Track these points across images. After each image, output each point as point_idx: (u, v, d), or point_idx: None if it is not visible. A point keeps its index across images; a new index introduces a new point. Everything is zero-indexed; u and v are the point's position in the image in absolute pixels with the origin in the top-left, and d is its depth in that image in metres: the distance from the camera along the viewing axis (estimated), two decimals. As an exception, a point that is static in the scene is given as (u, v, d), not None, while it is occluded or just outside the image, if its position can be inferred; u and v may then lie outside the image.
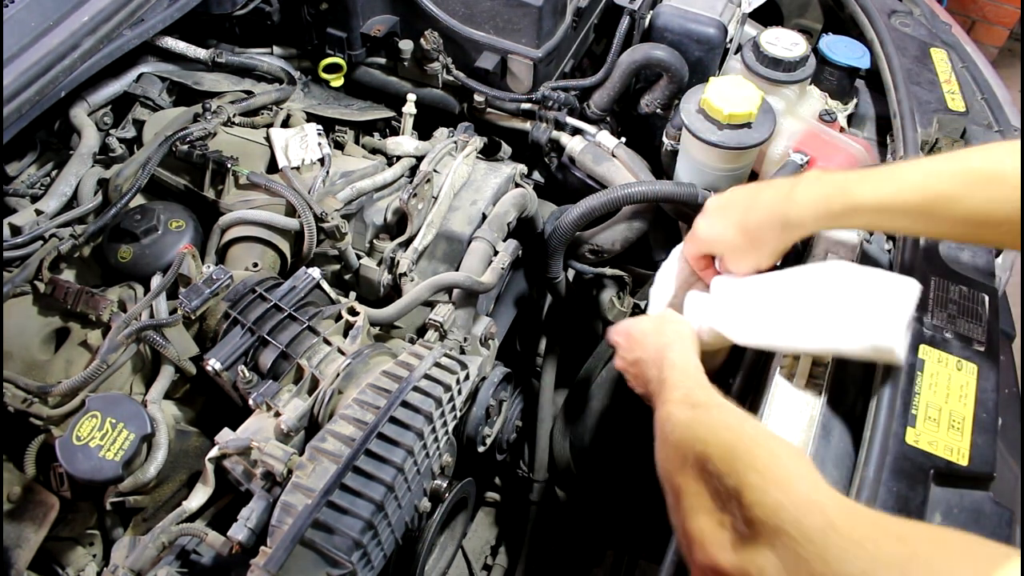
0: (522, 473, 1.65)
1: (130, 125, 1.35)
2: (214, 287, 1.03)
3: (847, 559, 0.54)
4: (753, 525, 0.61)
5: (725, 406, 0.79)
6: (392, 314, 1.14)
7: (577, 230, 1.31)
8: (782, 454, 0.67)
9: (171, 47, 1.40)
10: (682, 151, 1.30)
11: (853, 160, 1.22)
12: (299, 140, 1.26)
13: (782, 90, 1.29)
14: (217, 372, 0.96)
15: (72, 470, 0.88)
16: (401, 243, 1.22)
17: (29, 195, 1.24)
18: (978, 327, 0.95)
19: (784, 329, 0.91)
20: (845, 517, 0.57)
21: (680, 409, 0.79)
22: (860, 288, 0.89)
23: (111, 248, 1.13)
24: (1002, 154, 0.79)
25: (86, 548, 1.03)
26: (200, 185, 1.23)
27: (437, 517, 1.02)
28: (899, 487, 0.80)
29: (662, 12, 1.42)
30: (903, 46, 1.44)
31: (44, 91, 1.05)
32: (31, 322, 1.06)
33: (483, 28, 1.38)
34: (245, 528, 0.84)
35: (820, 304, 0.90)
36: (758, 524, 0.61)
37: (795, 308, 0.91)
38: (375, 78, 1.51)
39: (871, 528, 0.56)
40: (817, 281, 0.92)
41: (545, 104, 1.42)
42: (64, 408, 0.97)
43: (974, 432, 0.85)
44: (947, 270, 1.02)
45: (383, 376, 0.92)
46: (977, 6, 3.38)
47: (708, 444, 0.70)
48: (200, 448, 1.01)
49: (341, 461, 0.82)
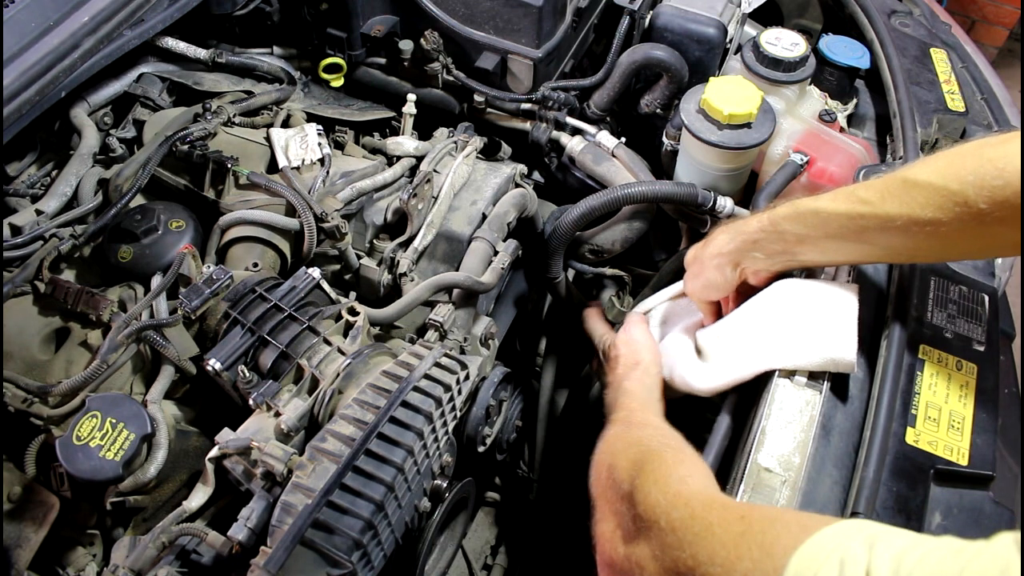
0: (522, 473, 1.65)
1: (130, 125, 1.35)
2: (214, 287, 1.03)
3: (698, 542, 0.61)
4: (637, 522, 0.69)
5: (650, 426, 0.89)
6: (392, 314, 1.14)
7: (577, 230, 1.31)
8: (671, 461, 0.75)
9: (171, 47, 1.40)
10: (682, 151, 1.30)
11: (853, 160, 1.22)
12: (299, 140, 1.26)
13: (782, 90, 1.29)
14: (217, 372, 0.96)
15: (72, 470, 0.88)
16: (401, 243, 1.22)
17: (29, 195, 1.24)
18: (978, 327, 0.95)
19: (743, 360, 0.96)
20: (703, 507, 0.64)
21: (612, 427, 0.89)
22: (806, 305, 0.94)
23: (111, 248, 1.13)
24: (919, 161, 0.82)
25: (86, 548, 1.03)
26: (200, 185, 1.23)
27: (437, 517, 1.02)
28: (899, 487, 0.80)
29: (662, 12, 1.42)
30: (903, 46, 1.44)
31: (44, 91, 1.05)
32: (31, 322, 1.06)
33: (483, 28, 1.38)
34: (245, 528, 0.84)
35: (773, 327, 0.96)
36: (639, 521, 0.69)
37: (750, 337, 0.97)
38: (375, 78, 1.51)
39: (720, 513, 0.62)
40: (767, 306, 0.97)
41: (545, 104, 1.42)
42: (64, 408, 0.97)
43: (974, 432, 0.85)
44: (947, 270, 1.02)
45: (383, 376, 0.92)
46: (977, 6, 3.38)
47: (617, 455, 0.80)
48: (200, 448, 1.01)
49: (341, 461, 0.82)
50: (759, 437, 0.87)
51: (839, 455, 0.85)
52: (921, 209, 0.76)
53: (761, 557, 0.55)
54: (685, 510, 0.65)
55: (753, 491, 0.83)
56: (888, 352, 0.90)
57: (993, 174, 0.71)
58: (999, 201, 0.71)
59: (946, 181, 0.74)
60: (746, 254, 0.95)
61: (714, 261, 0.98)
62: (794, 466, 0.85)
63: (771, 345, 0.94)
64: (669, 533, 0.64)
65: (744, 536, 0.58)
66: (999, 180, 0.70)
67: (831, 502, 0.82)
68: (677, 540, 0.63)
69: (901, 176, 0.80)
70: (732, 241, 0.96)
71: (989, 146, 0.73)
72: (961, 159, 0.74)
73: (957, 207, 0.73)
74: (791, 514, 0.64)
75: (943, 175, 0.75)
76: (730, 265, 0.97)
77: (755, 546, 0.56)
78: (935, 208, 0.75)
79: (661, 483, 0.70)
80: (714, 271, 0.98)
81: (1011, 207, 0.70)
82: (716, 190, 1.25)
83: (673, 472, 0.73)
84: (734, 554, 0.57)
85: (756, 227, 0.93)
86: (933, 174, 0.76)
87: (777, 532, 0.57)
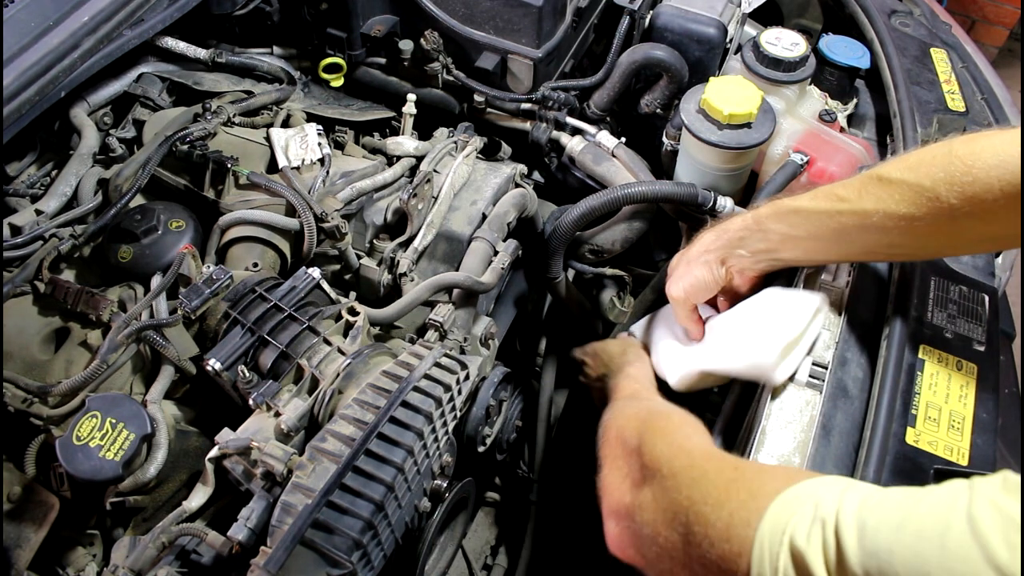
0: (522, 473, 1.65)
1: (130, 125, 1.35)
2: (214, 287, 1.03)
3: (694, 485, 0.67)
4: (643, 470, 0.75)
5: (656, 400, 0.98)
6: (392, 314, 1.14)
7: (577, 230, 1.31)
8: (677, 420, 0.83)
9: (171, 47, 1.40)
10: (682, 151, 1.30)
11: (853, 160, 1.22)
12: (299, 140, 1.26)
13: (782, 90, 1.29)
14: (217, 372, 0.96)
15: (72, 470, 0.88)
16: (401, 243, 1.22)
17: (29, 195, 1.24)
18: (978, 327, 0.95)
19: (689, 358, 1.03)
20: (702, 456, 0.71)
21: (620, 402, 0.96)
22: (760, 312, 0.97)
23: (111, 248, 1.13)
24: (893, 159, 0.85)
25: (86, 548, 1.03)
26: (200, 185, 1.23)
27: (437, 517, 1.02)
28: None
29: (662, 12, 1.42)
30: (903, 46, 1.44)
31: (44, 91, 1.05)
32: (31, 322, 1.06)
33: (483, 28, 1.38)
34: (245, 528, 0.84)
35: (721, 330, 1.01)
36: (645, 469, 0.75)
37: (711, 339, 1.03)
38: (375, 78, 1.51)
39: (717, 462, 0.69)
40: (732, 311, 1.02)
41: (545, 104, 1.42)
42: (64, 408, 0.97)
43: (974, 432, 0.85)
44: (947, 270, 1.02)
45: (383, 376, 0.92)
46: (977, 6, 3.38)
47: (628, 419, 0.86)
48: (200, 448, 1.01)
49: (341, 461, 0.82)
50: (759, 437, 0.87)
51: (839, 455, 0.85)
52: (896, 205, 0.80)
53: (747, 499, 0.61)
54: (686, 459, 0.71)
55: (753, 491, 0.83)
56: (888, 352, 0.90)
57: (962, 171, 0.74)
58: (968, 196, 0.74)
59: (918, 178, 0.78)
60: (732, 251, 0.97)
61: (701, 258, 1.00)
62: (794, 466, 0.85)
63: (710, 347, 1.01)
64: (669, 478, 0.70)
65: (735, 482, 0.64)
66: (968, 177, 0.74)
67: (831, 502, 0.82)
68: (675, 484, 0.69)
69: (876, 174, 0.83)
70: (719, 239, 0.98)
71: (958, 144, 0.77)
72: (932, 157, 0.78)
73: (929, 203, 0.77)
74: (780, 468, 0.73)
75: (915, 172, 0.79)
76: (717, 261, 0.99)
77: (743, 490, 0.62)
78: (908, 204, 0.79)
79: (668, 437, 0.77)
80: (702, 267, 0.99)
81: (979, 202, 0.74)
82: (716, 190, 1.25)
83: (679, 430, 0.80)
84: (724, 495, 0.63)
85: (740, 225, 0.96)
86: (906, 171, 0.80)
87: (764, 480, 0.63)
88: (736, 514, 0.60)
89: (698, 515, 0.64)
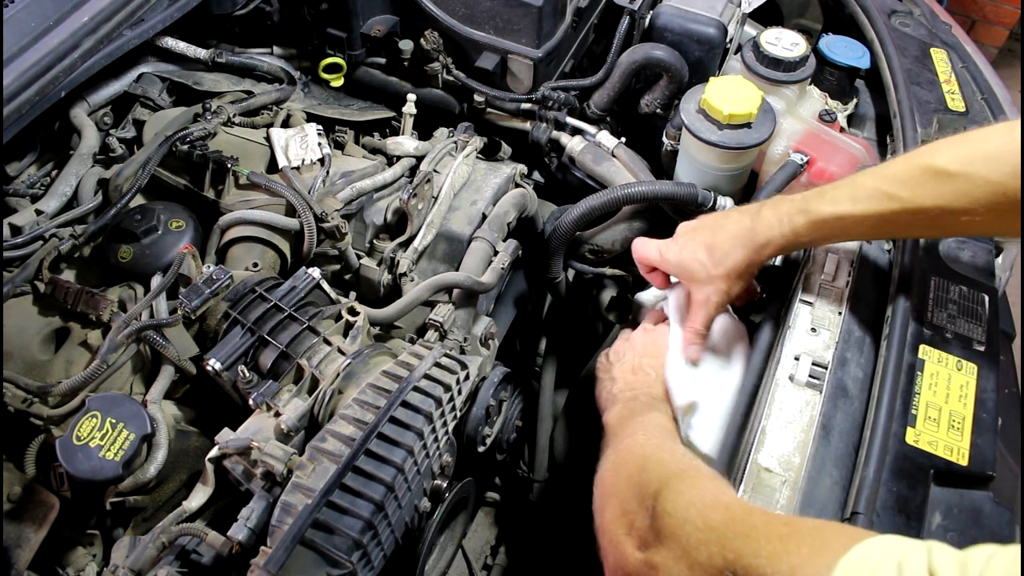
0: (522, 473, 1.65)
1: (130, 125, 1.35)
2: (214, 287, 1.03)
3: (739, 539, 0.62)
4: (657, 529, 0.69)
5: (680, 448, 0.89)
6: (392, 314, 1.14)
7: (577, 230, 1.31)
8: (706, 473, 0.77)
9: (171, 47, 1.40)
10: (682, 151, 1.30)
11: (853, 160, 1.22)
12: (299, 140, 1.26)
13: (782, 90, 1.29)
14: (217, 372, 0.96)
15: (72, 470, 0.88)
16: (401, 243, 1.22)
17: (29, 195, 1.24)
18: (978, 327, 0.95)
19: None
20: (744, 511, 0.65)
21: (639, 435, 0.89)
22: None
23: (111, 248, 1.13)
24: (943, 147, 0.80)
25: (86, 548, 1.03)
26: (200, 185, 1.23)
27: (437, 517, 1.02)
28: (899, 487, 0.80)
29: (662, 12, 1.42)
30: (903, 46, 1.44)
31: (44, 91, 1.05)
32: (31, 322, 1.06)
33: (483, 28, 1.38)
34: (245, 528, 0.84)
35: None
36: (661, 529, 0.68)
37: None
38: (375, 78, 1.51)
39: (763, 516, 0.64)
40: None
41: (545, 104, 1.42)
42: (64, 408, 0.97)
43: (974, 432, 0.85)
44: (947, 270, 1.02)
45: (383, 376, 0.92)
46: (977, 6, 3.38)
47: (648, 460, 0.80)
48: (200, 448, 1.01)
49: (341, 461, 0.82)
50: (759, 437, 0.87)
51: (839, 455, 0.85)
52: (955, 199, 0.75)
53: (811, 555, 0.56)
54: (725, 513, 0.66)
55: (753, 491, 0.83)
56: (888, 352, 0.90)
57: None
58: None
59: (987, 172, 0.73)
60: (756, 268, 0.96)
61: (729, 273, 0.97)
62: (794, 466, 0.85)
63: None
64: (705, 531, 0.64)
65: (791, 536, 0.59)
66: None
67: (831, 502, 0.82)
68: (715, 537, 0.63)
69: (927, 165, 0.78)
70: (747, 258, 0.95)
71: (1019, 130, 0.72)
72: (995, 148, 0.73)
73: (996, 196, 0.73)
74: (837, 524, 0.65)
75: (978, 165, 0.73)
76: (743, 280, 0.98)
77: (804, 545, 0.57)
78: (971, 199, 0.74)
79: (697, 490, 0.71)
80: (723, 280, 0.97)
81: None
82: (716, 190, 1.25)
83: (707, 485, 0.73)
84: (780, 548, 0.58)
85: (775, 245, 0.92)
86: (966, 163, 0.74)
87: (826, 536, 0.58)
88: (800, 569, 0.56)
89: (749, 568, 0.59)
